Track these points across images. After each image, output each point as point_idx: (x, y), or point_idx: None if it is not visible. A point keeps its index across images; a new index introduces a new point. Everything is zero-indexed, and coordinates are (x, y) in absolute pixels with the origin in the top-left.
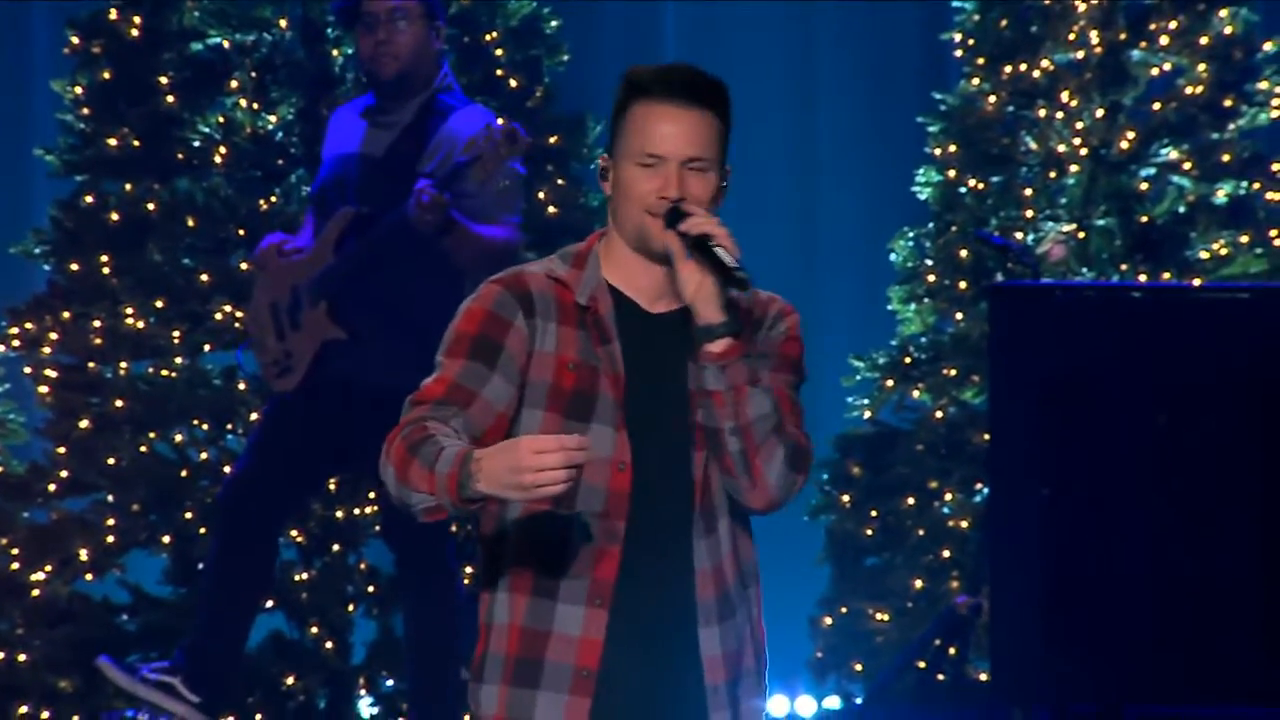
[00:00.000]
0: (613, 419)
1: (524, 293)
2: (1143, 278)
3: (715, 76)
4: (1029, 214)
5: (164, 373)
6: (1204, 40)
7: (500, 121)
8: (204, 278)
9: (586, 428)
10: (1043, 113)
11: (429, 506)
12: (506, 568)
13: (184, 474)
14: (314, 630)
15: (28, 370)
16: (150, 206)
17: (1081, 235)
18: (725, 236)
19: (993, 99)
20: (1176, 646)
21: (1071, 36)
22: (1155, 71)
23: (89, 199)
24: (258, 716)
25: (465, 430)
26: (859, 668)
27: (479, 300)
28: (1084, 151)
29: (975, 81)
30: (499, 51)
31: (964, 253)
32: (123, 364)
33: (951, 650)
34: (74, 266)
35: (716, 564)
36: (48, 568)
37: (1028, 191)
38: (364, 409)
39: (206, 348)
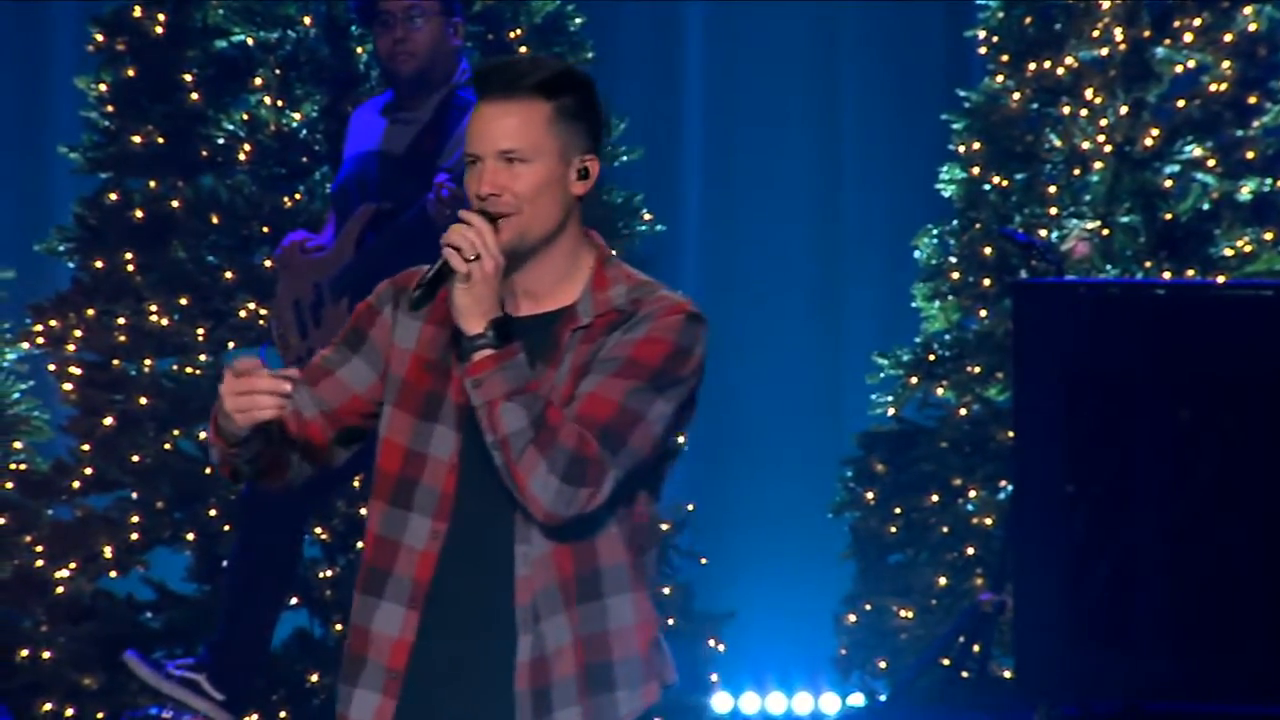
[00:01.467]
0: (454, 420)
1: (402, 287)
2: (1166, 275)
3: (551, 62)
4: (1053, 211)
5: (188, 370)
6: (1228, 37)
7: None
8: (228, 275)
9: (433, 428)
10: (1067, 110)
11: (215, 459)
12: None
13: (208, 471)
14: (338, 628)
15: (52, 367)
16: (174, 204)
17: (1105, 232)
18: (453, 249)
19: (1017, 96)
20: (1199, 644)
21: (1096, 33)
22: (1179, 68)
23: (113, 196)
24: (282, 714)
25: (313, 403)
26: (883, 665)
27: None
28: (1108, 148)
29: (999, 79)
30: (523, 49)
31: (988, 250)
32: (147, 361)
33: (975, 647)
34: (98, 264)
35: (534, 570)
36: (72, 565)
37: (1052, 189)
38: None
39: (230, 345)
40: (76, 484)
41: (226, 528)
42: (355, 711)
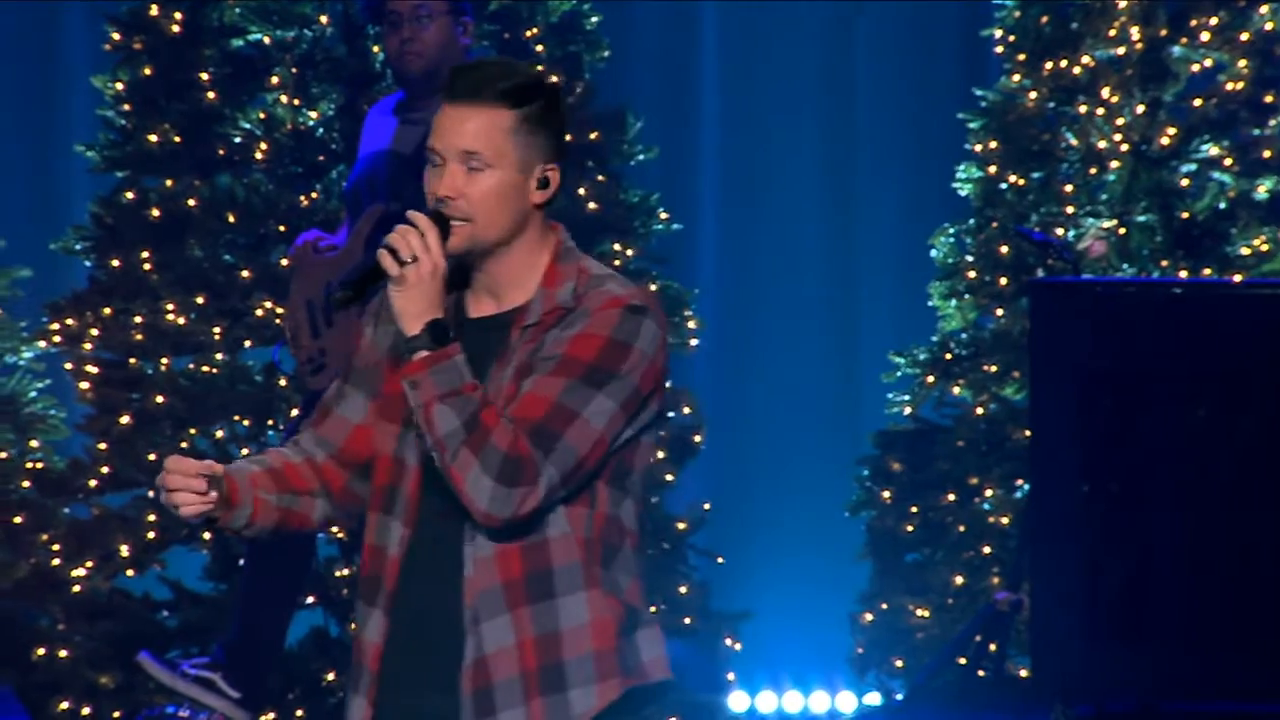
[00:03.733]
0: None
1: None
2: (1183, 274)
3: (520, 69)
4: (1069, 210)
5: (205, 369)
6: (1244, 36)
7: None
8: (244, 274)
9: (409, 434)
10: (1083, 109)
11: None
12: None
13: None
14: (354, 626)
15: (68, 366)
16: (191, 202)
17: (1122, 231)
18: (387, 251)
19: (1033, 95)
20: (1216, 643)
21: (1112, 32)
22: (1196, 67)
23: (130, 195)
24: (298, 712)
25: (320, 446)
26: (900, 664)
27: None
28: (1124, 147)
29: (1016, 78)
30: (539, 48)
31: (1004, 249)
32: (163, 360)
33: (992, 646)
34: (115, 262)
35: (478, 571)
36: (88, 563)
37: (1068, 187)
38: None
39: (247, 344)
40: (93, 482)
41: None
42: (350, 718)
